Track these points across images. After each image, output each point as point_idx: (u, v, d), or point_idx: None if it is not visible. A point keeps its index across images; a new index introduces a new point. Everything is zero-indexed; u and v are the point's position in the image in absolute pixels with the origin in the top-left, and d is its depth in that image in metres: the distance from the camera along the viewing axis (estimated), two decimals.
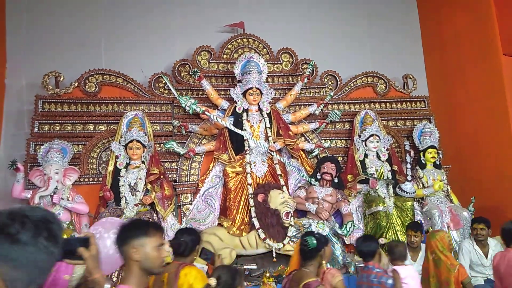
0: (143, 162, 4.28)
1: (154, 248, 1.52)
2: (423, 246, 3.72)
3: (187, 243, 2.32)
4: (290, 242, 4.08)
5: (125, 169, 4.23)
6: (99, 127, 4.56)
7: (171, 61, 5.04)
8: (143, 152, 4.28)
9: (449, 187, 4.97)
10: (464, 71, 5.39)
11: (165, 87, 4.80)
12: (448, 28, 5.68)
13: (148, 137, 4.38)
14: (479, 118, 5.14)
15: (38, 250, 0.94)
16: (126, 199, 4.06)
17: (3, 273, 0.91)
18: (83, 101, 4.60)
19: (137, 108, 4.68)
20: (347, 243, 4.39)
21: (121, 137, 4.35)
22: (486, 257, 3.73)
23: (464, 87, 5.39)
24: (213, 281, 2.02)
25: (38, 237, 0.95)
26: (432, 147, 4.96)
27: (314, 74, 5.34)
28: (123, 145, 4.29)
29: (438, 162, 5.02)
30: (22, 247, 0.92)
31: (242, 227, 4.21)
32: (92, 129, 4.55)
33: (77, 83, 4.64)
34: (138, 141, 4.24)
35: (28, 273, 0.93)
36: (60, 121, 4.46)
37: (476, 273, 3.77)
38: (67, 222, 3.90)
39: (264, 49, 5.35)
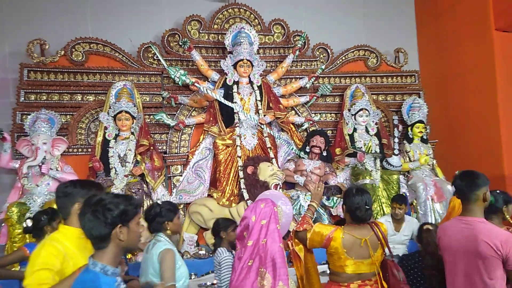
0: (132, 133, 4.26)
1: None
2: (406, 217, 3.84)
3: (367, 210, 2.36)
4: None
5: (114, 140, 4.21)
6: (87, 97, 4.49)
7: (160, 31, 4.92)
8: (132, 123, 4.26)
9: (434, 161, 5.07)
10: (455, 45, 5.38)
11: (154, 57, 4.71)
12: (442, 2, 5.62)
13: (137, 108, 4.34)
14: (468, 94, 5.18)
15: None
16: (115, 170, 4.07)
17: None
18: (70, 70, 4.50)
19: (126, 78, 4.60)
20: (333, 214, 4.50)
21: (110, 107, 4.30)
22: None
23: (455, 62, 5.40)
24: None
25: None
26: (420, 121, 5.03)
27: (306, 46, 5.28)
28: (112, 116, 4.25)
29: (425, 137, 5.10)
30: None
31: (231, 198, 4.28)
32: (80, 99, 4.48)
33: (63, 52, 4.51)
34: (127, 112, 4.21)
35: None
36: (47, 91, 4.37)
37: None
38: None
39: (256, 20, 5.24)
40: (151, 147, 4.27)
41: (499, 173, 4.75)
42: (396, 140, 4.79)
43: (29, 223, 2.87)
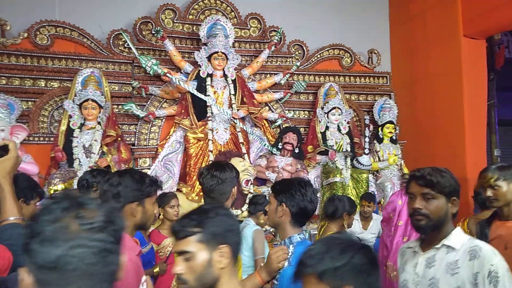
0: (99, 123, 4.08)
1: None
2: (374, 215, 3.91)
3: None
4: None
5: (79, 130, 4.02)
6: (51, 83, 4.26)
7: (132, 18, 4.73)
8: (99, 112, 4.07)
9: (402, 162, 5.20)
10: (426, 49, 5.52)
11: (125, 45, 4.53)
12: (415, 5, 5.74)
13: (105, 97, 4.16)
14: (436, 97, 5.33)
15: None
16: (79, 161, 3.89)
17: None
18: (33, 54, 4.24)
19: (94, 65, 4.40)
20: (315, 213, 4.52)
21: (76, 95, 4.10)
22: None
23: (425, 65, 5.54)
24: None
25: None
26: (390, 122, 5.13)
27: (281, 42, 5.26)
28: (77, 104, 4.05)
29: (394, 137, 5.21)
30: None
31: (201, 193, 4.18)
32: (43, 85, 4.24)
33: (26, 34, 4.25)
34: (94, 100, 4.02)
35: None
36: (7, 74, 4.10)
37: None
38: None
39: (232, 13, 5.16)
40: (119, 138, 4.11)
41: (462, 175, 4.91)
42: (367, 139, 4.87)
43: None
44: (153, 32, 4.51)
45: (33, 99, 4.14)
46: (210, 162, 4.27)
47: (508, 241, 1.97)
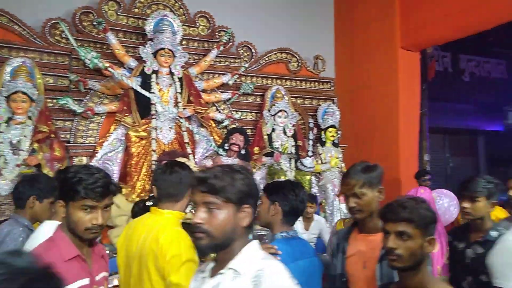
0: (29, 117, 3.76)
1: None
2: (315, 216, 4.03)
3: None
4: (191, 210, 4.05)
5: (6, 124, 3.67)
6: None
7: (71, 7, 4.44)
8: (30, 106, 3.75)
9: (343, 164, 5.43)
10: (367, 58, 5.82)
11: (63, 35, 4.23)
12: (359, 16, 6.03)
13: (37, 90, 3.84)
14: (375, 104, 5.65)
15: None
16: (5, 158, 3.55)
17: None
18: None
19: (26, 55, 4.05)
20: None
21: (3, 86, 3.74)
22: None
23: (366, 73, 5.84)
24: None
25: None
26: (333, 126, 5.34)
27: (230, 43, 5.24)
28: (4, 96, 3.70)
29: (336, 141, 5.42)
30: None
31: (142, 194, 4.03)
32: None
33: None
34: (24, 93, 3.69)
35: None
36: None
37: None
38: None
39: (181, 9, 5.04)
40: (52, 135, 3.82)
41: (395, 177, 5.26)
42: (311, 142, 5.01)
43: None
44: (94, 24, 4.27)
45: None
46: (153, 162, 4.13)
47: (368, 258, 1.64)
